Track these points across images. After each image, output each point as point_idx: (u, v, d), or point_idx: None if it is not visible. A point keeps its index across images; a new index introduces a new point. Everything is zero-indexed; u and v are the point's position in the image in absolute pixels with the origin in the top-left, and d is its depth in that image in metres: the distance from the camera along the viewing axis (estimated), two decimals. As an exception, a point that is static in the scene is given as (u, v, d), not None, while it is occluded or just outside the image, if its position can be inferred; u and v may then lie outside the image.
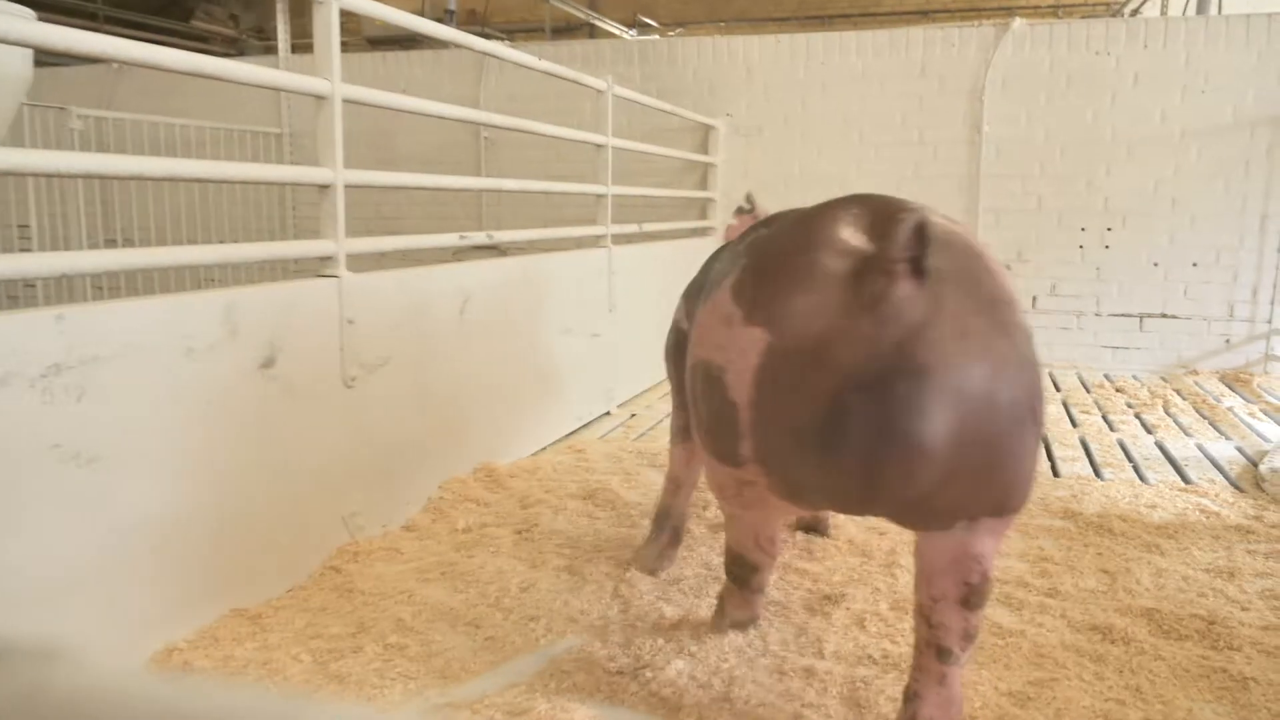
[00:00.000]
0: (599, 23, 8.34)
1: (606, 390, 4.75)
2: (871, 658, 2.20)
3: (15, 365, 1.87)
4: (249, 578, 2.44)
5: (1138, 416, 4.80)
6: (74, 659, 0.46)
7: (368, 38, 8.69)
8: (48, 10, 3.52)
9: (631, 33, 8.64)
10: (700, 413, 1.82)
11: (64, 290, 6.43)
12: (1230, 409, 4.94)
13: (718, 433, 1.76)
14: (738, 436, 1.70)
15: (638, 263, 4.98)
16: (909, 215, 1.55)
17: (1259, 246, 5.93)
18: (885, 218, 1.62)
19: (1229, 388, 5.57)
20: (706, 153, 6.71)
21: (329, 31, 2.72)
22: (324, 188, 2.76)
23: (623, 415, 4.74)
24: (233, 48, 9.36)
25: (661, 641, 2.25)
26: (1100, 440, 4.31)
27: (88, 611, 2.03)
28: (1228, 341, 6.06)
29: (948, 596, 1.71)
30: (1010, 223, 6.32)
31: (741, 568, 2.21)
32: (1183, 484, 3.61)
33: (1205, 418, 4.77)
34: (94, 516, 2.04)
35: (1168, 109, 5.96)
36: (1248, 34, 5.79)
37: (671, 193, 6.28)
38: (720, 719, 1.95)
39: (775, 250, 1.74)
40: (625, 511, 3.20)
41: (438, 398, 3.29)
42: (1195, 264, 6.05)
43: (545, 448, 4.06)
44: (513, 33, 9.03)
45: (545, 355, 4.10)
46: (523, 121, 3.89)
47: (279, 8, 7.31)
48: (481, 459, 3.57)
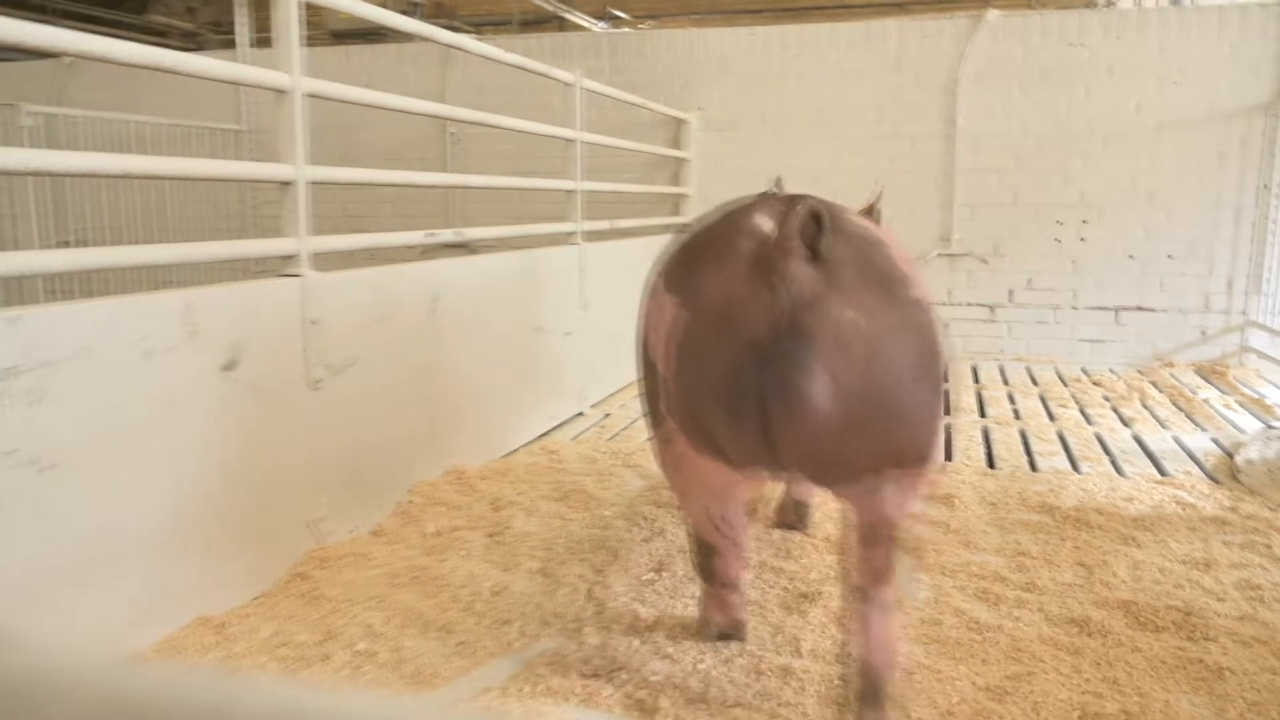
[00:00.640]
0: (568, 15, 8.27)
1: (580, 390, 4.71)
2: (849, 655, 2.17)
3: (-36, 370, 1.81)
4: (213, 585, 2.40)
5: (1115, 410, 4.81)
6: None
7: (332, 31, 8.56)
8: (-2, 4, 3.43)
9: (602, 25, 8.59)
10: (639, 382, 2.09)
11: (15, 293, 6.28)
12: (1206, 401, 4.96)
13: (646, 394, 2.03)
14: (659, 395, 1.94)
15: (610, 260, 4.94)
16: (805, 203, 1.75)
17: (1233, 238, 5.97)
18: (788, 207, 1.80)
19: (1205, 380, 5.60)
20: (679, 147, 6.68)
21: (290, 22, 2.66)
22: (285, 184, 2.71)
23: (596, 415, 4.70)
24: (191, 42, 9.19)
25: (637, 643, 2.25)
26: (1078, 434, 4.31)
27: (47, 622, 1.99)
28: (1203, 334, 6.10)
29: (863, 542, 1.88)
30: (986, 216, 6.32)
31: (702, 553, 2.22)
32: (1159, 476, 3.62)
33: (1182, 410, 4.79)
34: (52, 525, 2.00)
35: (1142, 100, 5.98)
36: (1220, 25, 5.82)
37: (644, 188, 6.24)
38: (696, 721, 1.92)
39: (696, 235, 2.01)
40: (599, 513, 3.17)
41: (406, 399, 3.24)
42: (1171, 256, 6.07)
43: (517, 449, 4.01)
44: (480, 26, 8.93)
45: (516, 355, 4.05)
46: (490, 116, 3.84)
47: (238, 0, 7.19)
48: (452, 461, 3.52)
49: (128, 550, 2.17)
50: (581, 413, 4.70)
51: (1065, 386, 5.42)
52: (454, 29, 6.80)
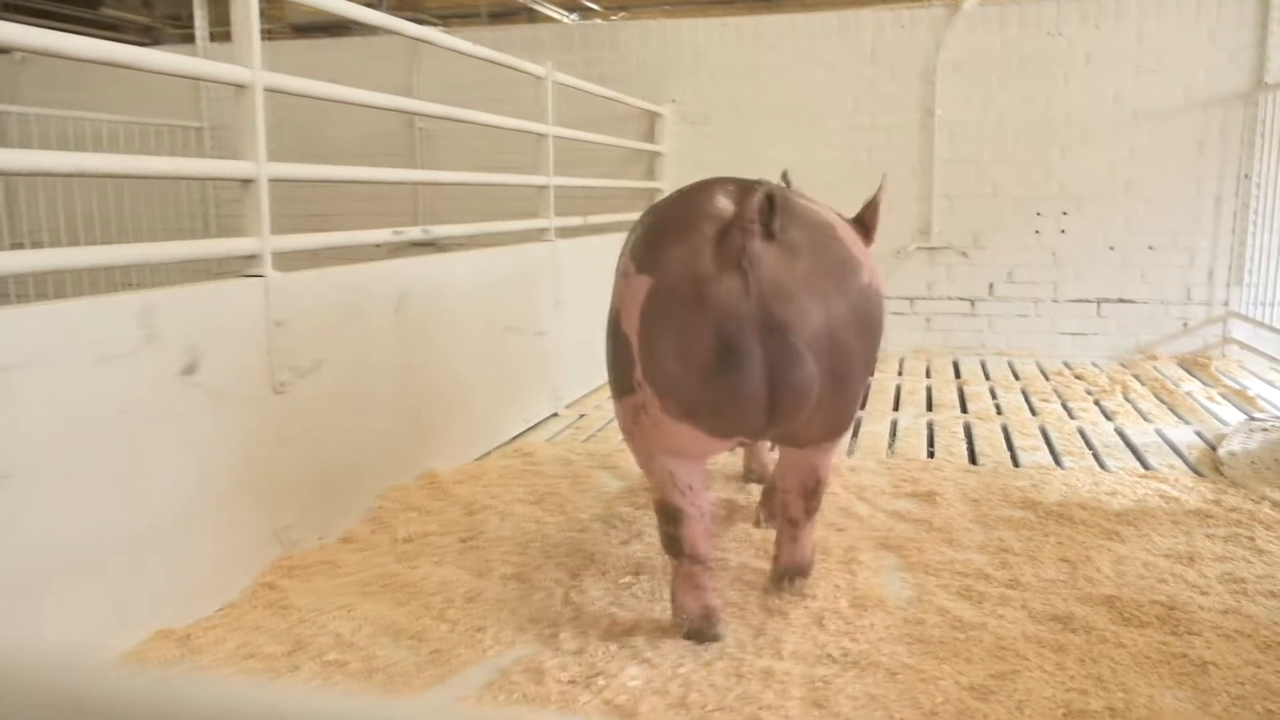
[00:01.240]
0: (538, 7, 8.15)
1: (554, 390, 4.64)
2: (831, 656, 2.16)
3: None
4: (176, 597, 2.33)
5: (1097, 403, 4.79)
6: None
7: (293, 25, 8.38)
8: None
9: (573, 17, 8.48)
10: (607, 357, 2.23)
11: (-36, 297, 6.16)
12: (1189, 393, 4.96)
13: (617, 365, 2.16)
14: (631, 364, 2.09)
15: (584, 257, 4.87)
16: (760, 188, 2.01)
17: (1214, 228, 5.96)
18: (746, 191, 2.06)
19: (1188, 372, 5.59)
20: (653, 141, 6.61)
21: (249, 15, 2.59)
22: (246, 182, 2.63)
23: (571, 416, 4.63)
24: (147, 37, 8.98)
25: (615, 648, 2.21)
26: (1060, 428, 4.29)
27: (1, 636, 1.91)
28: (1185, 325, 6.09)
29: (796, 490, 2.39)
30: (965, 208, 6.29)
31: (669, 520, 2.23)
32: (1143, 470, 3.60)
33: (1164, 403, 4.78)
34: (5, 535, 1.93)
35: (1120, 90, 5.96)
36: (1199, 11, 5.81)
37: (617, 183, 6.17)
38: (675, 729, 1.88)
39: (661, 217, 2.21)
40: (575, 515, 3.11)
41: (375, 402, 3.17)
42: (1152, 247, 6.06)
43: (490, 452, 3.94)
44: (448, 18, 8.78)
45: (488, 355, 3.98)
46: (458, 110, 3.76)
47: (195, -8, 7.05)
48: (423, 466, 3.45)
49: (86, 561, 2.10)
50: (556, 414, 4.63)
51: (1047, 380, 5.40)
52: (421, 21, 6.67)
